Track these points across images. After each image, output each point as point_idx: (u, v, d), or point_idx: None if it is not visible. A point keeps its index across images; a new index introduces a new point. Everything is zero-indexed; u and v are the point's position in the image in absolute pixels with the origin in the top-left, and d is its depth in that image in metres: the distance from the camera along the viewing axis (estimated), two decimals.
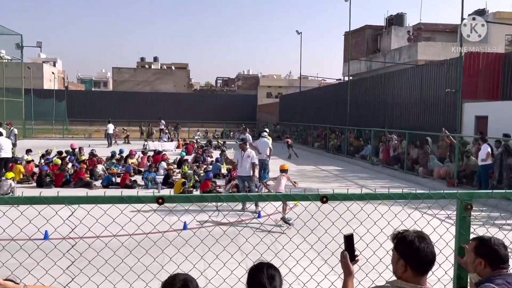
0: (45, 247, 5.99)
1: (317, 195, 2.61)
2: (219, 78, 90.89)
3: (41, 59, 67.40)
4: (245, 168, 9.67)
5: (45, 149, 17.30)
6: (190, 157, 19.42)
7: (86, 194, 2.46)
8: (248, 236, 6.92)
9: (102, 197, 2.52)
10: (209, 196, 2.82)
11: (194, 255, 4.90)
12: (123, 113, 49.20)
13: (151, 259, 4.13)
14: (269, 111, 52.45)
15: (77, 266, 4.18)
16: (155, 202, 2.56)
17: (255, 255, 3.76)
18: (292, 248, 3.85)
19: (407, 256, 2.12)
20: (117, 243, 6.22)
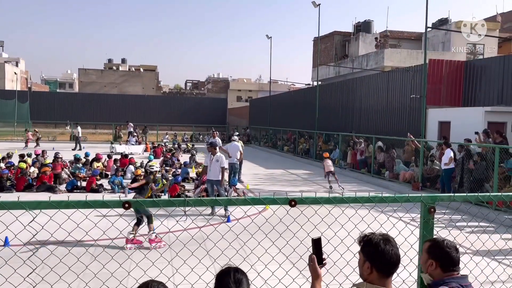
0: (5, 253, 5.75)
1: (286, 199, 2.62)
2: (189, 81, 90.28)
3: (3, 58, 64.94)
4: (214, 172, 9.61)
5: (6, 152, 16.65)
6: (158, 160, 19.13)
7: (48, 199, 2.38)
8: (217, 240, 6.88)
9: (66, 202, 2.44)
10: (176, 200, 2.78)
11: (161, 260, 4.83)
12: (90, 116, 48.05)
13: (117, 265, 4.04)
14: (239, 114, 52.48)
15: (39, 274, 4.03)
16: (121, 207, 2.51)
17: (224, 260, 3.74)
18: (260, 252, 3.85)
19: (372, 258, 2.15)
20: (81, 249, 6.05)
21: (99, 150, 22.31)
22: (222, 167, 9.58)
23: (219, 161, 9.56)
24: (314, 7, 23.47)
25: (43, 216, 2.90)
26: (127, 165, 15.61)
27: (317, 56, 28.26)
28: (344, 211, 3.39)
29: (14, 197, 10.93)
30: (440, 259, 2.33)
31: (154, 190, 12.09)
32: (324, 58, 34.46)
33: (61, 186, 12.82)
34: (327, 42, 35.49)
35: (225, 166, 9.77)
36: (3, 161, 14.37)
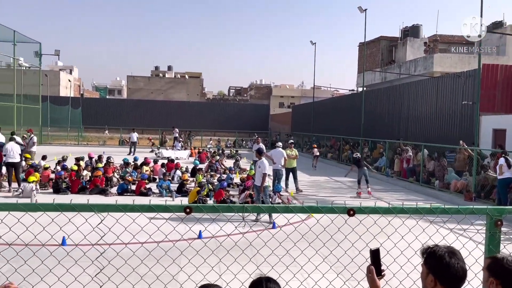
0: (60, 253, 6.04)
1: (344, 208, 2.59)
2: (232, 88, 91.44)
3: (58, 66, 68.59)
4: (258, 178, 9.68)
5: (61, 156, 17.51)
6: (204, 165, 19.47)
7: (115, 202, 2.48)
8: (260, 247, 6.88)
9: (131, 206, 2.53)
10: (236, 206, 2.81)
11: (206, 265, 4.89)
12: (137, 121, 49.69)
13: (162, 269, 4.13)
14: (281, 121, 52.50)
15: (88, 273, 4.20)
16: (183, 212, 2.57)
17: (267, 267, 3.73)
18: (304, 261, 3.81)
19: (436, 271, 2.08)
20: (129, 251, 6.24)
21: (146, 154, 23.01)
22: (263, 173, 9.61)
23: (261, 167, 9.62)
24: (360, 12, 23.15)
25: (96, 218, 3.02)
26: (174, 170, 15.98)
27: (363, 62, 27.80)
28: (392, 221, 3.30)
29: (69, 199, 11.46)
30: (501, 277, 2.20)
31: (200, 195, 12.34)
32: (369, 63, 33.86)
33: (112, 189, 13.30)
34: (373, 47, 34.87)
35: (266, 172, 9.79)
36: (59, 164, 15.12)
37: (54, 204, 2.47)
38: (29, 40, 31.13)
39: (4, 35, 27.65)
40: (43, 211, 2.46)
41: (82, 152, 21.28)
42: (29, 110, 33.32)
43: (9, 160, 12.70)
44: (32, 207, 2.48)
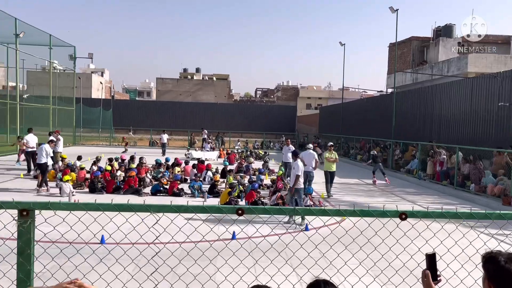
0: (103, 251, 6.19)
1: (396, 212, 2.56)
2: (259, 89, 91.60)
3: (90, 69, 70.45)
4: (292, 179, 9.68)
5: (95, 156, 17.96)
6: (233, 166, 19.59)
7: (170, 203, 2.52)
8: (295, 249, 6.86)
9: (185, 207, 2.57)
10: (287, 209, 2.81)
11: (242, 266, 4.92)
12: (166, 123, 50.43)
13: (199, 268, 4.17)
14: (308, 122, 52.22)
15: (129, 272, 4.29)
16: (235, 213, 2.60)
17: (303, 269, 3.72)
18: (340, 264, 3.78)
19: (493, 277, 2.04)
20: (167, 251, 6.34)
21: (176, 155, 23.32)
22: (296, 174, 9.58)
23: (295, 168, 9.59)
24: (392, 13, 22.77)
25: (135, 217, 3.08)
26: (205, 171, 16.14)
27: (394, 63, 27.34)
28: (430, 225, 3.23)
29: (105, 198, 11.79)
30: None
31: (231, 196, 12.41)
32: (400, 64, 33.26)
33: (145, 190, 13.55)
34: (403, 48, 34.23)
35: (299, 174, 9.75)
36: (94, 165, 15.51)
37: (112, 205, 2.54)
38: (64, 44, 32.09)
39: (41, 39, 28.61)
40: (102, 211, 2.54)
41: (114, 153, 21.82)
42: (63, 111, 34.35)
43: (43, 161, 13.08)
44: (92, 207, 2.56)
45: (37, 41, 28.39)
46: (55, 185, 13.20)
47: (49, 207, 2.49)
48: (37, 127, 30.14)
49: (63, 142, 18.28)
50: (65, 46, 32.52)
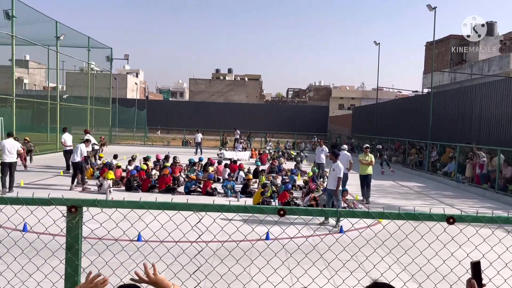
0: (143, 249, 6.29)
1: (443, 216, 2.46)
2: (290, 89, 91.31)
3: (125, 70, 72.26)
4: (331, 181, 9.51)
5: (131, 155, 18.38)
6: (265, 167, 19.59)
7: (213, 202, 2.52)
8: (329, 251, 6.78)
9: (227, 206, 2.57)
10: (329, 210, 2.76)
11: (269, 267, 4.88)
12: (198, 123, 51.06)
13: (226, 268, 4.16)
14: (341, 122, 51.58)
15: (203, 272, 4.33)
16: (277, 214, 2.57)
17: (341, 271, 3.64)
18: (370, 267, 3.67)
19: None
20: (194, 250, 6.38)
21: (209, 155, 23.54)
22: (338, 176, 9.40)
23: (336, 170, 9.41)
24: (430, 11, 22.13)
25: (165, 216, 3.10)
26: (237, 171, 16.21)
27: (431, 62, 26.58)
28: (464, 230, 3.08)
29: (140, 196, 12.02)
30: None
31: (264, 196, 12.40)
32: (438, 63, 32.31)
33: (179, 188, 13.74)
34: (441, 47, 33.23)
35: (341, 176, 9.57)
36: (130, 164, 15.86)
37: (156, 203, 2.56)
38: (101, 46, 33.00)
39: (80, 41, 29.56)
40: (146, 209, 2.57)
41: (148, 152, 22.24)
42: (100, 111, 35.36)
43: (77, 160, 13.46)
44: (138, 205, 2.59)
45: (76, 43, 29.34)
46: (95, 183, 13.63)
47: (96, 204, 2.55)
48: (75, 126, 31.19)
49: (94, 141, 18.76)
50: (102, 48, 33.42)
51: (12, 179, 12.27)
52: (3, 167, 12.22)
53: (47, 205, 2.50)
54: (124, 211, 2.75)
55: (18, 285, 4.19)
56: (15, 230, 6.11)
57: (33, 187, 12.87)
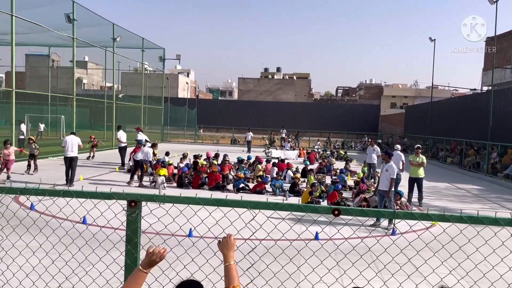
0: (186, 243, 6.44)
1: (510, 220, 2.32)
2: (340, 88, 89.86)
3: (177, 70, 74.26)
4: (383, 182, 9.23)
5: (182, 153, 18.86)
6: (314, 166, 19.40)
7: (266, 200, 2.52)
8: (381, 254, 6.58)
9: (281, 204, 2.57)
10: (385, 211, 2.67)
11: (322, 267, 4.79)
12: (247, 121, 51.48)
13: (279, 266, 4.13)
14: (392, 122, 50.05)
15: (211, 264, 4.37)
16: (331, 213, 2.53)
17: (387, 274, 3.51)
18: (427, 271, 3.50)
19: None
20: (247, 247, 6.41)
21: (256, 154, 23.68)
22: (391, 177, 9.12)
23: (389, 171, 9.13)
24: (491, 4, 20.92)
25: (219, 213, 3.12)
26: (285, 170, 16.17)
27: (491, 58, 25.14)
28: None
29: (192, 193, 12.31)
30: None
31: (313, 196, 12.29)
32: (499, 60, 30.51)
33: (228, 186, 13.92)
34: (503, 42, 31.34)
35: (394, 177, 9.27)
36: (181, 162, 16.27)
37: (211, 199, 2.62)
38: (154, 46, 34.09)
39: (134, 42, 30.71)
40: (202, 205, 2.62)
41: (199, 150, 22.71)
42: (153, 110, 36.58)
43: (139, 158, 13.99)
44: (194, 201, 2.65)
45: (131, 44, 30.50)
46: (149, 179, 14.16)
47: (154, 199, 2.63)
48: (129, 124, 32.46)
49: (147, 138, 19.31)
50: (155, 48, 34.52)
51: (73, 173, 13.06)
52: (65, 161, 13.09)
53: (109, 199, 2.61)
54: (180, 206, 2.82)
55: (81, 273, 4.42)
56: (78, 223, 6.48)
57: (91, 182, 13.54)
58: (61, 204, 3.42)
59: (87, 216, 5.79)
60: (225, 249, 2.32)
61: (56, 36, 23.90)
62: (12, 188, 2.67)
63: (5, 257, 4.20)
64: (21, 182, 12.53)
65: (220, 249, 2.34)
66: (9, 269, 3.34)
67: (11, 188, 2.68)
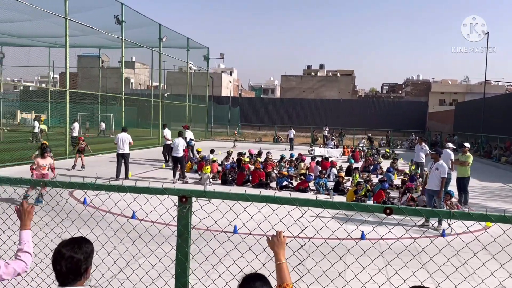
0: (236, 239, 6.52)
1: None
2: (385, 84, 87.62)
3: (220, 69, 75.23)
4: (433, 181, 8.91)
5: (226, 151, 19.08)
6: (358, 165, 19.04)
7: (316, 198, 2.51)
8: (431, 254, 6.34)
9: (331, 202, 2.54)
10: (441, 211, 2.58)
11: (373, 267, 4.68)
12: (289, 119, 51.32)
13: (328, 264, 4.08)
14: (441, 119, 48.19)
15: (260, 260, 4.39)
16: (383, 212, 2.48)
17: (441, 276, 3.37)
18: (485, 274, 3.33)
19: None
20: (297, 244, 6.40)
21: (299, 151, 23.55)
22: (442, 177, 8.78)
23: (439, 169, 8.80)
24: None
25: (267, 209, 3.11)
26: (329, 168, 15.99)
27: None
28: None
29: (236, 190, 12.39)
30: None
31: (357, 195, 12.07)
32: None
33: (271, 184, 13.94)
34: None
35: (445, 176, 8.92)
36: (226, 160, 16.47)
37: (260, 196, 2.61)
38: (199, 46, 34.68)
39: (179, 42, 31.39)
40: (251, 201, 2.63)
41: (242, 148, 22.93)
42: (197, 108, 37.26)
43: (173, 154, 14.20)
44: (243, 197, 2.67)
45: (176, 44, 31.20)
46: (194, 176, 14.44)
47: (204, 195, 2.68)
48: (175, 122, 33.24)
49: (192, 135, 19.55)
50: (199, 48, 35.11)
51: (126, 169, 13.64)
52: (117, 157, 13.66)
53: (161, 195, 2.69)
54: (229, 203, 2.85)
55: (134, 265, 4.59)
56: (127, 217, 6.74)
57: (139, 179, 13.98)
58: (112, 199, 3.56)
59: (140, 211, 5.99)
60: (276, 247, 2.33)
61: (106, 37, 24.88)
62: (71, 182, 2.80)
63: None
64: (77, 176, 13.16)
65: (270, 246, 2.35)
66: None
67: (70, 182, 2.81)
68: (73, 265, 2.00)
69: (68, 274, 1.99)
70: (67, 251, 2.03)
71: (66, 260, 2.00)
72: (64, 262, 1.99)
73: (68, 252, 2.03)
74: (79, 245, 2.07)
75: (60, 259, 2.00)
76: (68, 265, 1.99)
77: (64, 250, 2.04)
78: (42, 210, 8.23)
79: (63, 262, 1.99)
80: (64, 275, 2.00)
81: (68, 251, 2.03)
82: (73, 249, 2.05)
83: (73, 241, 2.11)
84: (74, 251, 2.04)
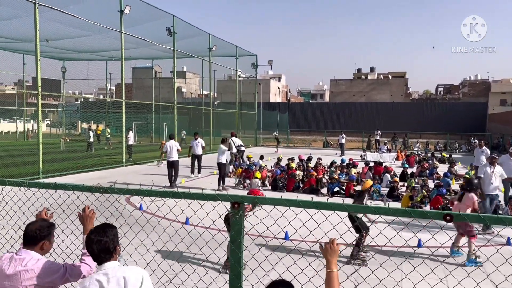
0: (286, 245, 6.48)
1: None
2: (440, 86, 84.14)
3: (268, 75, 75.65)
4: (495, 185, 8.44)
5: (276, 157, 19.10)
6: (413, 169, 18.36)
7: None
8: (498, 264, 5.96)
9: (385, 209, 2.46)
10: (507, 218, 2.42)
11: (432, 276, 4.45)
12: (339, 124, 50.49)
13: (386, 273, 3.93)
14: (503, 121, 45.34)
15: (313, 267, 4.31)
16: (442, 219, 2.38)
17: None
18: None
19: None
20: None
21: (351, 157, 23.09)
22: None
23: (500, 173, 8.34)
24: None
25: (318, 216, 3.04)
26: (382, 173, 15.54)
27: None
28: None
29: (287, 196, 12.38)
30: None
31: (413, 201, 11.64)
32: None
33: (322, 190, 13.77)
34: None
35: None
36: (276, 166, 16.49)
37: (312, 202, 2.59)
38: (247, 53, 35.09)
39: (228, 50, 31.94)
40: (302, 207, 2.61)
41: (291, 154, 22.81)
42: (246, 115, 37.65)
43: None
44: (294, 203, 2.66)
45: (225, 52, 31.77)
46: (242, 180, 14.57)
47: (256, 202, 2.70)
48: (225, 130, 33.75)
49: (241, 142, 19.65)
50: (248, 55, 35.51)
51: (176, 175, 14.02)
52: (167, 165, 14.10)
53: (214, 201, 2.73)
54: (281, 209, 2.84)
55: (189, 270, 4.69)
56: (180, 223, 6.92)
57: (190, 186, 14.29)
58: (167, 205, 3.66)
59: (193, 217, 6.12)
60: (328, 254, 2.29)
61: (159, 49, 25.82)
62: (129, 189, 2.92)
63: (123, 253, 4.62)
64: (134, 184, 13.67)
65: (323, 254, 2.31)
66: (126, 264, 3.65)
67: (128, 189, 2.93)
68: (102, 245, 2.45)
69: (99, 253, 2.44)
70: (95, 237, 2.48)
71: (95, 244, 2.45)
72: (94, 245, 2.45)
73: (96, 237, 2.47)
74: (104, 230, 2.52)
75: (91, 243, 2.46)
76: (98, 247, 2.44)
77: (92, 236, 2.49)
78: (103, 216, 8.63)
79: (94, 245, 2.45)
80: (97, 255, 2.45)
81: (96, 236, 2.48)
82: (99, 234, 2.49)
83: (98, 228, 2.54)
84: (100, 235, 2.48)
